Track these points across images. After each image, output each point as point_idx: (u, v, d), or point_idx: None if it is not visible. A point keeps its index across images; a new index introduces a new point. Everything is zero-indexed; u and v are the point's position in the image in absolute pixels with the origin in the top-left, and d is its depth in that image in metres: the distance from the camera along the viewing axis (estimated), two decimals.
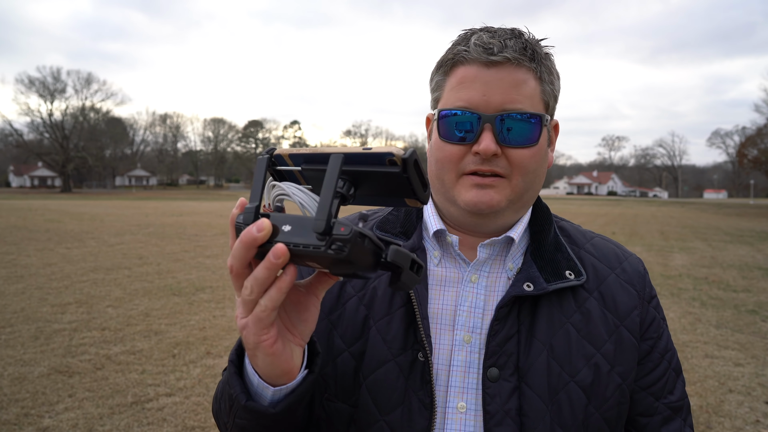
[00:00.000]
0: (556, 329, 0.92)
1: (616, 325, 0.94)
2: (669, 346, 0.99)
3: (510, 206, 0.94)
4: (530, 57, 0.90)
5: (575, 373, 0.90)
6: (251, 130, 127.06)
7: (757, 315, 7.63)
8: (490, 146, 0.87)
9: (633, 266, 1.02)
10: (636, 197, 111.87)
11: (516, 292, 0.90)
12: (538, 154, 0.92)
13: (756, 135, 62.02)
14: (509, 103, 0.88)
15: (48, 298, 7.65)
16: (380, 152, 0.61)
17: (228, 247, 13.65)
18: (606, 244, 1.06)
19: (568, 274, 0.94)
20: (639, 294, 0.98)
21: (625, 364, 0.93)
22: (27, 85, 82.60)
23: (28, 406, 4.21)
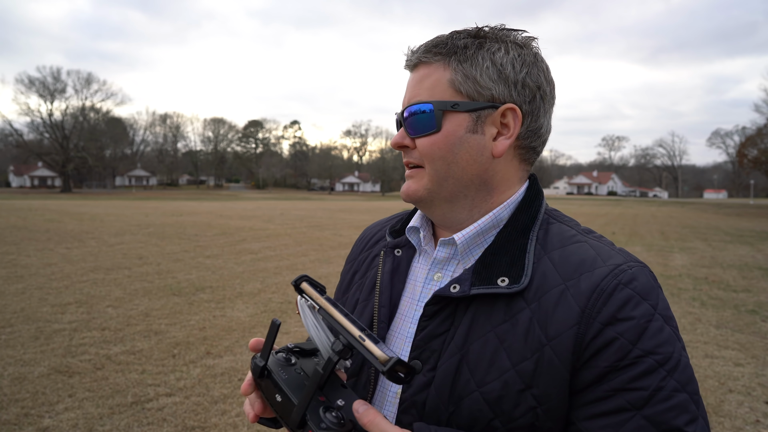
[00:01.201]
0: (478, 336, 0.87)
1: (541, 344, 0.82)
2: (641, 384, 0.77)
3: (433, 195, 0.96)
4: (440, 51, 0.94)
5: (483, 384, 0.84)
6: (251, 130, 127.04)
7: (757, 315, 7.63)
8: (395, 139, 0.98)
9: (594, 279, 0.83)
10: (636, 197, 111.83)
11: (441, 292, 0.91)
12: (442, 141, 0.92)
13: (756, 135, 61.97)
14: (413, 98, 0.95)
15: (48, 298, 7.65)
16: (370, 350, 0.73)
17: (226, 249, 13.66)
18: (584, 251, 0.90)
19: (501, 281, 0.87)
20: (583, 312, 0.81)
21: (544, 388, 0.81)
22: (27, 85, 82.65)
23: (28, 406, 4.21)
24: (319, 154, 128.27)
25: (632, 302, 0.81)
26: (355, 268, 1.17)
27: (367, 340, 0.73)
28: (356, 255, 1.20)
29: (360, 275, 1.14)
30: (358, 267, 1.16)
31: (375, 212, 32.11)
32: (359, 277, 1.13)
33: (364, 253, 1.18)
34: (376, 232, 1.20)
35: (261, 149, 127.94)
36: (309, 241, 15.57)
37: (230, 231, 18.07)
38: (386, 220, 1.23)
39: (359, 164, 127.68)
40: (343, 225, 21.99)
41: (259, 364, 0.83)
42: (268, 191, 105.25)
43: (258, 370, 0.83)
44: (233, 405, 4.38)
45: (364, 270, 1.14)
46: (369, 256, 1.15)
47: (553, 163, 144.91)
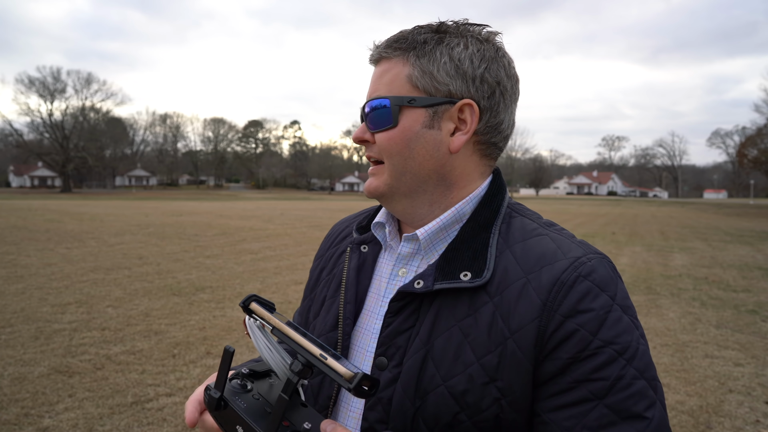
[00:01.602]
0: (442, 330, 0.87)
1: (504, 337, 0.83)
2: (602, 375, 0.79)
3: (393, 191, 0.97)
4: (399, 46, 0.94)
5: (449, 378, 0.85)
6: (251, 130, 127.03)
7: (757, 315, 7.63)
8: (356, 133, 0.98)
9: (554, 272, 0.84)
10: (636, 197, 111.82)
11: (405, 288, 0.91)
12: (399, 136, 0.93)
13: (756, 135, 62.00)
14: (373, 93, 0.96)
15: (48, 298, 7.65)
16: (332, 367, 0.72)
17: (226, 249, 13.65)
18: (545, 244, 0.90)
19: (463, 276, 0.88)
20: (544, 305, 0.82)
21: (507, 381, 0.82)
22: (27, 85, 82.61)
23: (28, 406, 4.21)
24: (319, 154, 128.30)
25: (591, 294, 0.82)
26: (322, 265, 1.16)
27: (329, 359, 0.72)
28: (324, 251, 1.20)
29: (327, 272, 1.13)
30: (326, 264, 1.16)
31: None
32: (326, 274, 1.13)
33: (332, 249, 1.17)
34: (343, 229, 1.20)
35: (261, 149, 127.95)
36: (309, 241, 15.57)
37: (230, 231, 18.07)
38: (354, 216, 1.23)
39: (359, 164, 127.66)
40: None
41: (214, 395, 0.79)
42: (268, 191, 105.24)
43: (214, 402, 0.79)
44: None
45: (331, 266, 1.13)
46: (336, 253, 1.15)
47: (553, 163, 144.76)
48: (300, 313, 1.20)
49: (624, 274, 10.80)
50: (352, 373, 0.70)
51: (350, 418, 0.97)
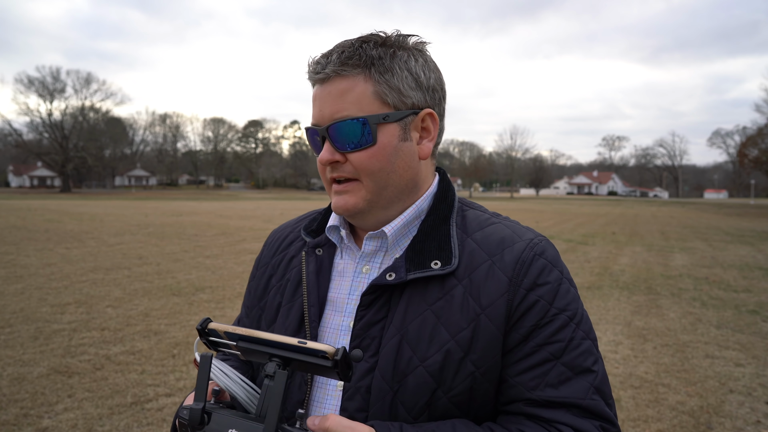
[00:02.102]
0: (415, 316, 0.95)
1: (476, 314, 0.93)
2: (558, 337, 0.92)
3: (372, 205, 1.00)
4: (356, 63, 0.95)
5: (426, 358, 0.92)
6: (251, 130, 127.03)
7: (758, 315, 7.62)
8: (325, 155, 0.98)
9: (514, 253, 0.97)
10: (636, 197, 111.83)
11: (377, 281, 0.97)
12: (379, 153, 0.96)
13: (756, 135, 61.96)
14: (336, 113, 0.96)
15: (47, 298, 7.64)
16: (314, 349, 0.71)
17: (226, 249, 13.64)
18: (500, 230, 1.02)
19: (434, 264, 0.96)
20: (510, 281, 0.94)
21: (480, 353, 0.92)
22: (26, 84, 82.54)
23: (27, 406, 4.20)
24: None
25: (547, 269, 0.96)
26: (270, 272, 1.17)
27: (308, 342, 0.73)
28: (269, 259, 1.20)
29: (278, 278, 1.14)
30: (274, 270, 1.17)
31: None
32: (277, 281, 1.14)
33: (278, 255, 1.18)
34: (287, 234, 1.21)
35: (261, 149, 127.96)
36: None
37: (230, 231, 18.07)
38: (295, 221, 1.25)
39: None
40: None
41: (196, 408, 0.73)
42: (268, 191, 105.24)
43: (198, 417, 0.73)
44: None
45: (281, 273, 1.14)
46: (285, 258, 1.16)
47: (553, 163, 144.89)
48: (246, 324, 1.20)
49: (624, 274, 10.80)
50: (334, 348, 0.71)
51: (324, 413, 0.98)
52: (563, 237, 18.26)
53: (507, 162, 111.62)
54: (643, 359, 5.65)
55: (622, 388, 4.85)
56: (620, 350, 5.91)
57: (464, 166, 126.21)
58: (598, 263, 12.24)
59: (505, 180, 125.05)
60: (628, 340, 6.28)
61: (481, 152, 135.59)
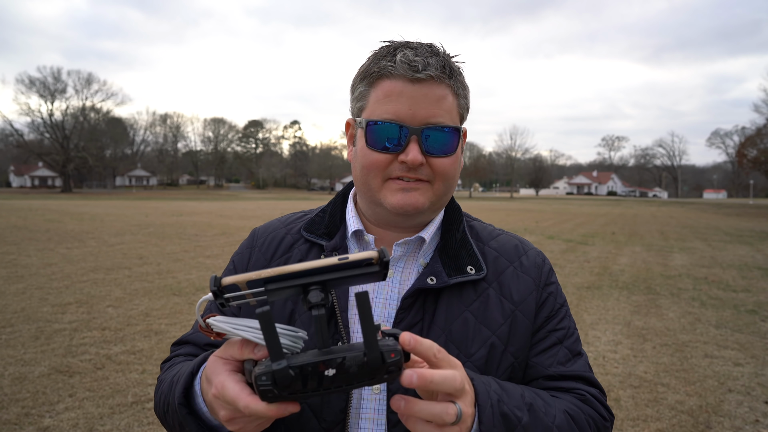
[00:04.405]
0: (455, 317, 1.03)
1: (511, 310, 1.07)
2: (561, 326, 1.11)
3: (432, 207, 1.06)
4: (448, 74, 1.00)
5: (471, 354, 1.01)
6: (251, 130, 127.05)
7: (757, 315, 7.63)
8: (417, 157, 0.98)
9: (530, 259, 1.15)
10: (636, 197, 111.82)
11: (419, 285, 1.02)
12: (456, 161, 1.05)
13: (755, 135, 62.01)
14: (432, 117, 0.98)
15: (48, 298, 7.66)
16: (358, 259, 0.68)
17: (226, 249, 13.64)
18: (510, 240, 1.18)
19: (469, 269, 1.06)
20: (534, 281, 1.11)
21: (518, 344, 1.06)
22: (27, 85, 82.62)
23: (28, 405, 4.22)
24: (319, 154, 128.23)
25: (552, 272, 1.17)
26: None
27: (349, 255, 0.68)
28: (265, 263, 1.13)
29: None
30: None
31: None
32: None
33: (279, 259, 1.12)
34: (283, 236, 1.16)
35: (261, 149, 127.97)
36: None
37: (230, 231, 18.08)
38: (284, 222, 1.20)
39: None
40: None
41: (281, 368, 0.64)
42: (268, 191, 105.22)
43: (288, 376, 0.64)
44: None
45: None
46: (290, 262, 1.10)
47: (553, 163, 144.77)
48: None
49: (623, 274, 10.82)
50: (375, 251, 0.68)
51: (364, 419, 0.99)
52: (563, 237, 18.26)
53: (507, 162, 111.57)
54: (642, 359, 5.66)
55: (622, 388, 4.87)
56: (620, 350, 5.93)
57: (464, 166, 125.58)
58: (598, 263, 12.25)
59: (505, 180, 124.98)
60: (627, 340, 6.29)
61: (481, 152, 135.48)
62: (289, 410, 0.69)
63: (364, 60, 1.06)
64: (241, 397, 0.70)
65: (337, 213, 1.16)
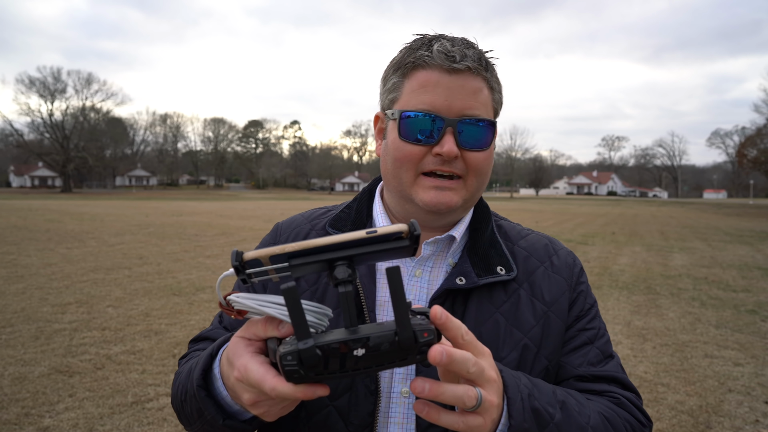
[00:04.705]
0: (486, 318, 1.00)
1: (544, 312, 1.04)
2: (592, 326, 1.08)
3: (464, 205, 1.03)
4: (485, 67, 0.98)
5: (503, 358, 0.98)
6: (251, 130, 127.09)
7: (757, 315, 7.63)
8: (453, 149, 0.95)
9: (562, 259, 1.12)
10: (636, 197, 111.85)
11: (448, 285, 0.99)
12: (490, 156, 1.02)
13: (755, 135, 62.03)
14: (468, 109, 0.96)
15: (48, 298, 7.66)
16: (387, 233, 0.64)
17: (226, 249, 13.63)
18: (539, 239, 1.15)
19: (499, 270, 1.03)
20: (566, 281, 1.09)
21: (551, 346, 1.02)
22: (27, 85, 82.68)
23: (28, 405, 4.22)
24: (319, 154, 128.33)
25: (582, 271, 1.14)
26: None
27: (378, 229, 0.65)
28: None
29: (309, 282, 1.06)
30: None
31: None
32: (309, 285, 1.06)
33: None
34: (307, 232, 1.13)
35: (261, 149, 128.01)
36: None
37: (230, 231, 18.08)
38: (307, 217, 1.17)
39: (359, 164, 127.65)
40: None
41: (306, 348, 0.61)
42: (268, 191, 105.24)
43: (315, 356, 0.61)
44: None
45: (315, 276, 1.05)
46: None
47: (553, 163, 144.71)
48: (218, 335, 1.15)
49: (623, 274, 10.82)
50: (406, 225, 0.65)
51: (393, 423, 0.96)
52: (563, 237, 18.26)
53: (507, 162, 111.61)
54: (642, 359, 5.66)
55: None
56: (620, 350, 5.92)
57: None
58: (598, 263, 12.26)
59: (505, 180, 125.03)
60: (627, 340, 6.29)
61: None
62: (318, 393, 0.66)
63: (396, 53, 1.03)
64: (266, 379, 0.67)
65: (363, 209, 1.13)
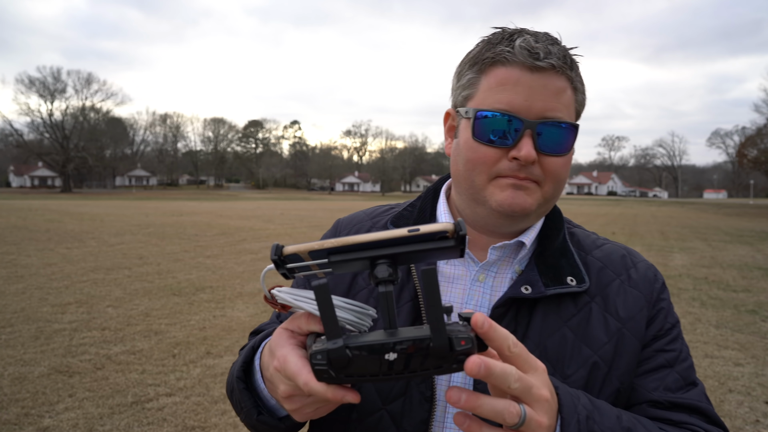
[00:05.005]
0: (552, 332, 0.93)
1: (618, 328, 0.95)
2: (672, 348, 0.97)
3: (538, 211, 0.95)
4: (569, 65, 0.90)
5: (568, 375, 0.90)
6: (251, 130, 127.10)
7: (757, 315, 7.63)
8: (531, 153, 0.88)
9: (641, 272, 1.02)
10: (636, 197, 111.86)
11: (512, 294, 0.92)
12: (568, 162, 0.94)
13: (756, 135, 62.02)
14: (550, 111, 0.88)
15: (48, 298, 7.66)
16: (431, 232, 0.61)
17: (226, 248, 13.64)
18: (616, 250, 1.05)
19: (570, 281, 0.95)
20: (645, 297, 0.99)
21: (624, 367, 0.93)
22: (27, 85, 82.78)
23: (28, 405, 4.22)
24: (319, 154, 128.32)
25: (664, 287, 1.04)
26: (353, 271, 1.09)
27: (421, 227, 0.61)
28: None
29: (367, 279, 1.02)
30: None
31: None
32: (366, 282, 1.03)
33: None
34: (368, 229, 1.10)
35: (261, 149, 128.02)
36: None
37: (230, 231, 18.08)
38: (369, 215, 1.14)
39: (359, 164, 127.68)
40: None
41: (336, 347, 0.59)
42: (268, 191, 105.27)
43: (344, 356, 0.59)
44: None
45: None
46: None
47: None
48: None
49: None
50: (451, 223, 0.61)
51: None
52: None
53: None
54: None
55: None
56: None
57: None
58: None
59: None
60: None
61: None
62: (347, 398, 0.65)
63: (473, 46, 0.96)
64: (302, 373, 0.66)
65: (427, 208, 1.08)
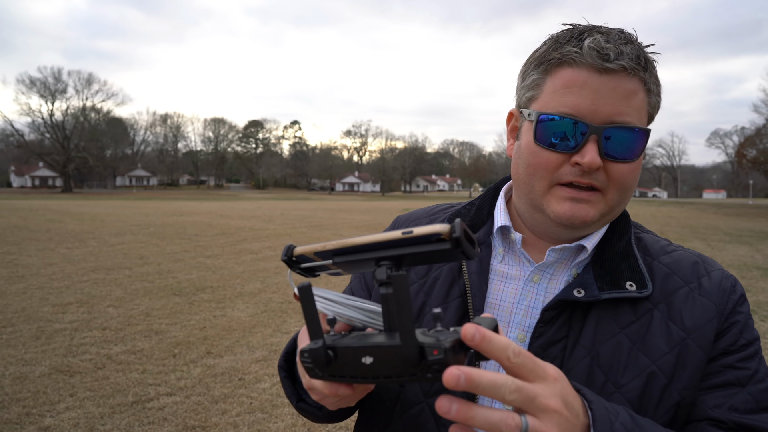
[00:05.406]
0: (606, 338, 0.88)
1: (681, 338, 0.88)
2: (746, 366, 0.89)
3: (601, 220, 0.91)
4: (643, 66, 0.85)
5: (622, 385, 0.86)
6: (251, 130, 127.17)
7: (756, 315, 7.64)
8: (596, 159, 0.84)
9: (714, 281, 0.94)
10: (635, 197, 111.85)
11: (563, 297, 0.89)
12: (637, 168, 0.89)
13: (755, 135, 62.00)
14: (618, 115, 0.84)
15: (49, 298, 7.68)
16: (425, 234, 0.59)
17: (226, 248, 13.66)
18: (688, 257, 0.98)
19: (629, 285, 0.90)
20: (717, 307, 0.91)
21: (686, 380, 0.87)
22: (28, 85, 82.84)
23: (29, 405, 4.24)
24: (319, 154, 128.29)
25: (743, 299, 0.95)
26: None
27: (414, 229, 0.60)
28: None
29: (418, 275, 1.02)
30: None
31: (375, 212, 32.11)
32: (418, 277, 1.01)
33: None
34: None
35: (261, 149, 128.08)
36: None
37: (230, 231, 18.09)
38: (430, 212, 1.14)
39: (359, 164, 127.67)
40: (343, 225, 22.01)
41: (316, 347, 0.61)
42: (268, 191, 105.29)
43: (323, 356, 0.61)
44: (233, 404, 4.40)
45: (423, 269, 1.02)
46: None
47: None
48: None
49: None
50: (448, 226, 0.58)
51: None
52: None
53: (507, 162, 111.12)
54: None
55: None
56: None
57: (464, 166, 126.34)
58: None
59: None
60: None
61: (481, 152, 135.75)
62: (339, 391, 0.66)
63: (540, 44, 0.92)
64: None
65: (485, 207, 1.06)
